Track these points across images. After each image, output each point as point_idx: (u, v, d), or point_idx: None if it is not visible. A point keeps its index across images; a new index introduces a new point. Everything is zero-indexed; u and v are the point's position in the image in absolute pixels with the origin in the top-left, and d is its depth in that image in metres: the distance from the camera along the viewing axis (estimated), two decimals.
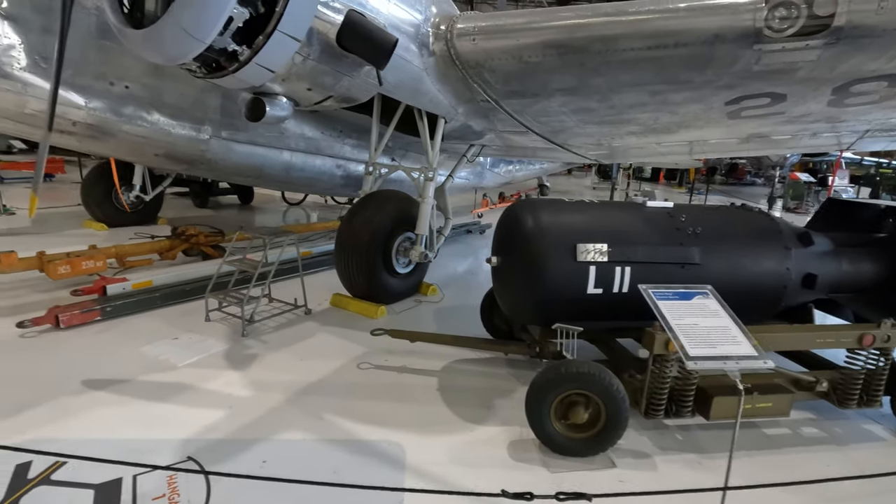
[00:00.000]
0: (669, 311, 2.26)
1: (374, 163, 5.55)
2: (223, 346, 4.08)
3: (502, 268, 3.36)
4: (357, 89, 3.95)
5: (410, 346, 4.03)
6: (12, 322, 4.20)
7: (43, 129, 3.02)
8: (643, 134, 5.64)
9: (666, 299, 2.35)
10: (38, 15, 4.36)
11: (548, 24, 3.82)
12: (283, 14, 3.00)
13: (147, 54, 3.16)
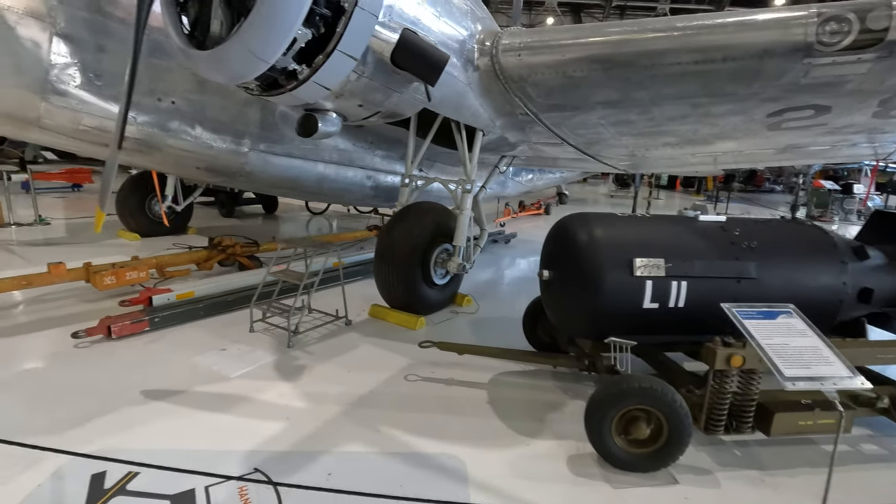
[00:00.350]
0: (757, 330, 2.27)
1: (411, 175, 5.61)
2: (271, 356, 4.14)
3: (554, 281, 3.38)
4: (405, 105, 4.03)
5: (455, 358, 4.06)
6: (66, 332, 4.32)
7: (112, 147, 3.12)
8: (679, 145, 5.64)
9: (751, 318, 2.35)
10: (93, 34, 4.50)
11: (594, 39, 3.87)
12: (343, 34, 3.08)
13: (210, 74, 3.25)
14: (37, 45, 4.23)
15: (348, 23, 3.06)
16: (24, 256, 7.12)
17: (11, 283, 4.84)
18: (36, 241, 8.18)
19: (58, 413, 3.14)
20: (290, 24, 2.88)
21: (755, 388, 2.85)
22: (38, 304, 5.14)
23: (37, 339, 4.30)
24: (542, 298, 3.69)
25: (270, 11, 2.82)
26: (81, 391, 3.44)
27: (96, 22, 4.50)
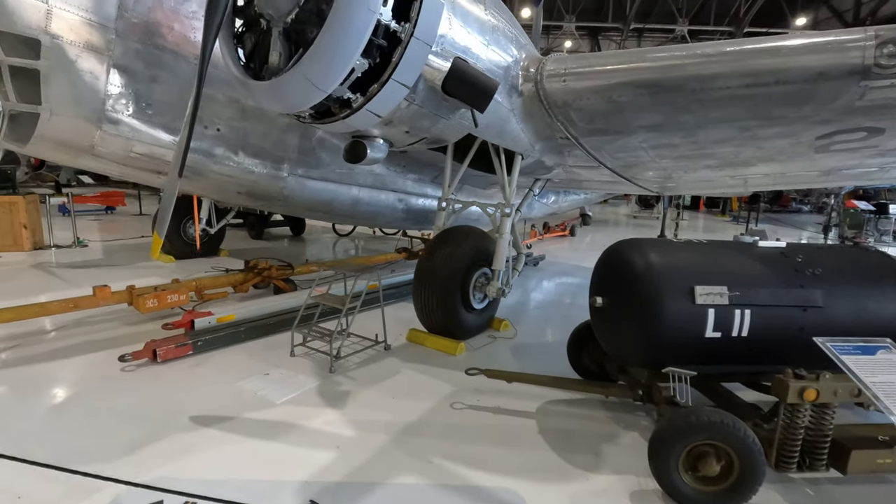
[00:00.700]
0: (858, 366, 2.17)
1: (448, 198, 5.62)
2: (314, 382, 4.11)
3: (608, 309, 3.31)
4: (450, 131, 4.05)
5: (499, 385, 3.97)
6: (112, 355, 4.37)
7: (172, 177, 3.18)
8: (719, 167, 5.56)
9: (848, 354, 2.25)
10: (146, 65, 4.66)
11: (641, 64, 3.86)
12: (398, 64, 3.13)
13: (268, 104, 3.33)
14: (95, 76, 4.39)
15: (404, 52, 3.11)
16: (66, 279, 7.30)
17: (59, 306, 4.94)
18: (75, 263, 8.39)
19: (111, 440, 3.14)
20: (349, 56, 2.94)
21: (829, 424, 2.72)
22: (82, 327, 5.23)
23: (85, 363, 4.35)
24: (594, 325, 3.61)
25: (331, 43, 2.88)
26: (132, 417, 3.44)
27: (149, 53, 4.66)
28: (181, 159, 3.09)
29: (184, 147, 3.07)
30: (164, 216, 3.27)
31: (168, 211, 3.25)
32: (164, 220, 3.26)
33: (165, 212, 3.26)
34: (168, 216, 3.27)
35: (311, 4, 3.08)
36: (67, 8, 4.16)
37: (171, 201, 3.25)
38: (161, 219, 3.30)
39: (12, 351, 4.54)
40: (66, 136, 4.50)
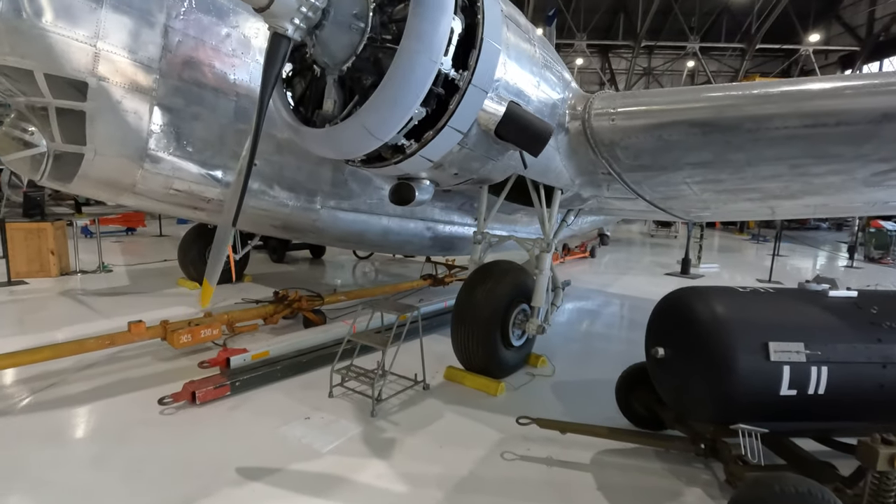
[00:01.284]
0: None
1: (483, 231, 5.54)
2: (357, 427, 4.01)
3: (671, 361, 3.18)
4: (498, 172, 4.00)
5: (546, 432, 3.83)
6: (149, 395, 4.33)
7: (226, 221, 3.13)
8: (762, 200, 5.44)
9: None
10: (187, 103, 4.67)
11: (694, 104, 3.79)
12: (455, 111, 3.08)
13: (319, 149, 3.29)
14: (138, 116, 4.41)
15: (461, 100, 3.06)
16: (94, 307, 7.28)
17: (96, 343, 4.89)
18: (101, 290, 8.39)
19: (160, 495, 3.05)
20: (409, 106, 2.89)
21: None
22: (116, 363, 5.18)
23: (124, 404, 4.28)
24: (654, 375, 3.48)
25: (391, 94, 2.84)
26: (178, 468, 3.35)
27: (190, 91, 4.68)
28: (236, 208, 3.04)
29: (239, 195, 3.02)
30: (216, 264, 3.21)
31: (221, 259, 3.20)
32: (216, 268, 3.20)
33: (218, 260, 3.20)
34: (220, 265, 3.21)
35: (369, 53, 3.05)
36: (115, 50, 4.19)
37: (225, 250, 3.20)
38: (213, 266, 3.24)
39: (50, 390, 4.49)
40: (108, 175, 4.50)
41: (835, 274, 13.54)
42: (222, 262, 3.22)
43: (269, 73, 2.88)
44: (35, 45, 3.87)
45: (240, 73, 4.99)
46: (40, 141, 4.25)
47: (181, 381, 4.62)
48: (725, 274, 12.46)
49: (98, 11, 4.06)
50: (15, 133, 4.26)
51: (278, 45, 2.86)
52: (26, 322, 6.56)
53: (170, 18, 4.46)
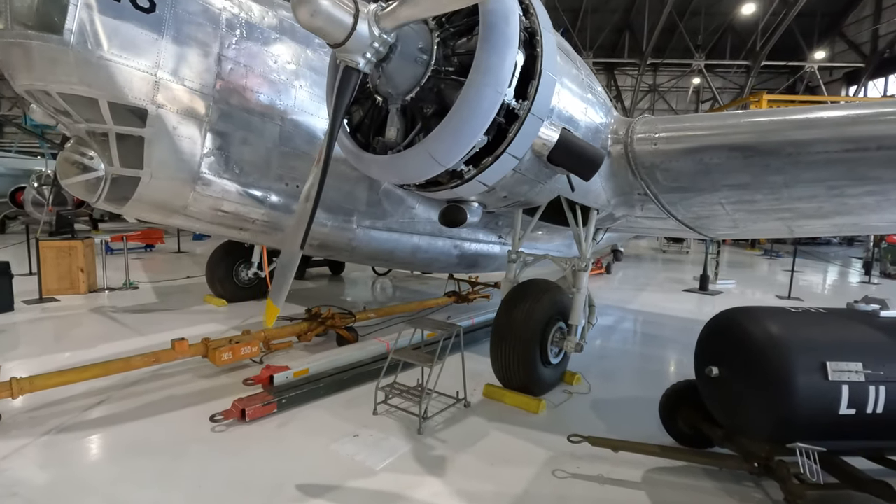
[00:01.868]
0: None
1: (518, 251, 5.64)
2: (406, 445, 4.07)
3: (724, 380, 3.25)
4: (544, 194, 4.12)
5: (595, 449, 3.88)
6: (196, 413, 4.45)
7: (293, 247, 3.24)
8: (793, 219, 5.53)
9: None
10: (237, 128, 4.84)
11: (736, 128, 3.91)
12: (514, 138, 3.21)
13: (380, 175, 3.43)
14: (193, 141, 4.57)
15: (520, 128, 3.19)
16: (127, 325, 7.40)
17: (142, 360, 5.00)
18: (132, 307, 8.52)
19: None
20: (474, 135, 3.03)
21: None
22: (160, 380, 5.27)
23: (175, 421, 4.36)
24: (706, 394, 3.54)
25: (458, 124, 2.97)
26: (239, 485, 3.42)
27: (240, 117, 4.85)
28: (304, 232, 3.16)
29: (308, 220, 3.14)
30: (281, 286, 3.31)
31: (288, 282, 3.30)
32: (282, 289, 3.31)
33: (284, 282, 3.30)
34: (287, 287, 3.32)
35: (432, 84, 3.20)
36: (173, 79, 4.37)
37: (292, 273, 3.30)
38: (278, 288, 3.34)
39: (101, 408, 4.58)
40: (162, 198, 4.65)
41: (852, 290, 13.53)
42: (289, 284, 3.32)
43: (339, 103, 3.03)
44: (101, 75, 4.05)
45: (284, 98, 5.17)
46: (99, 165, 4.42)
47: (225, 398, 4.73)
48: (743, 290, 12.47)
49: (159, 42, 4.26)
50: (75, 158, 4.43)
51: (349, 78, 3.00)
52: (64, 339, 6.68)
53: (223, 48, 4.65)
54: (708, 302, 10.93)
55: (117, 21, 4.04)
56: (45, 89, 4.04)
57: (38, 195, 13.95)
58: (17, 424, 4.23)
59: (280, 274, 3.32)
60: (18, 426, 4.21)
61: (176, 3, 4.32)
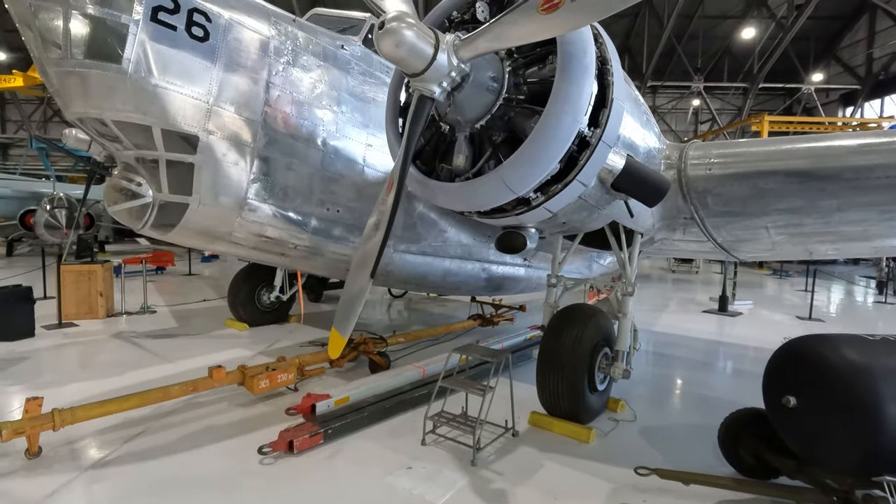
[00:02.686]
0: None
1: (559, 276, 5.60)
2: (463, 478, 3.95)
3: (802, 409, 3.18)
4: (600, 220, 4.11)
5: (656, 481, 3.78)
6: (241, 444, 4.36)
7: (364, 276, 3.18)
8: (833, 242, 5.51)
9: None
10: (283, 155, 4.84)
11: (794, 154, 3.92)
12: (584, 166, 3.20)
13: (449, 202, 3.40)
14: (240, 167, 4.56)
15: (590, 156, 3.18)
16: (151, 350, 7.28)
17: (180, 389, 4.90)
18: (152, 332, 8.39)
19: None
20: (550, 163, 3.02)
21: None
22: (194, 409, 5.14)
23: (219, 453, 4.24)
24: (780, 424, 3.45)
25: (535, 152, 2.96)
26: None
27: (286, 143, 4.85)
28: (376, 261, 3.11)
29: (380, 248, 3.10)
30: (349, 316, 3.25)
31: (356, 311, 3.24)
32: (350, 319, 3.24)
33: (352, 312, 3.24)
34: (355, 316, 3.25)
35: (502, 112, 3.20)
36: (224, 106, 4.38)
37: (361, 303, 3.24)
38: (346, 318, 3.27)
39: (141, 439, 4.45)
40: (209, 224, 4.62)
41: (870, 310, 13.49)
42: (357, 314, 3.25)
43: (413, 130, 3.02)
44: (156, 103, 4.06)
45: (326, 123, 5.19)
46: (147, 192, 4.39)
47: (267, 429, 4.63)
48: (760, 311, 12.41)
49: (212, 70, 4.28)
50: (123, 184, 4.40)
51: (423, 106, 3.00)
52: (91, 367, 6.55)
53: (271, 75, 4.68)
54: (728, 323, 10.86)
55: (173, 50, 4.06)
56: (100, 117, 4.03)
57: (52, 218, 13.88)
58: (59, 458, 4.10)
59: (348, 304, 3.26)
60: (60, 460, 4.08)
61: (228, 31, 4.35)
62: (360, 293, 3.22)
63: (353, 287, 3.32)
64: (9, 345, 7.27)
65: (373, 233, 3.23)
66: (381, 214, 3.19)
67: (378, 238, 3.13)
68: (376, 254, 3.10)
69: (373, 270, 3.12)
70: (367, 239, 3.30)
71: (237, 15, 4.45)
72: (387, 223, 3.09)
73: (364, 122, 5.55)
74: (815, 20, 30.43)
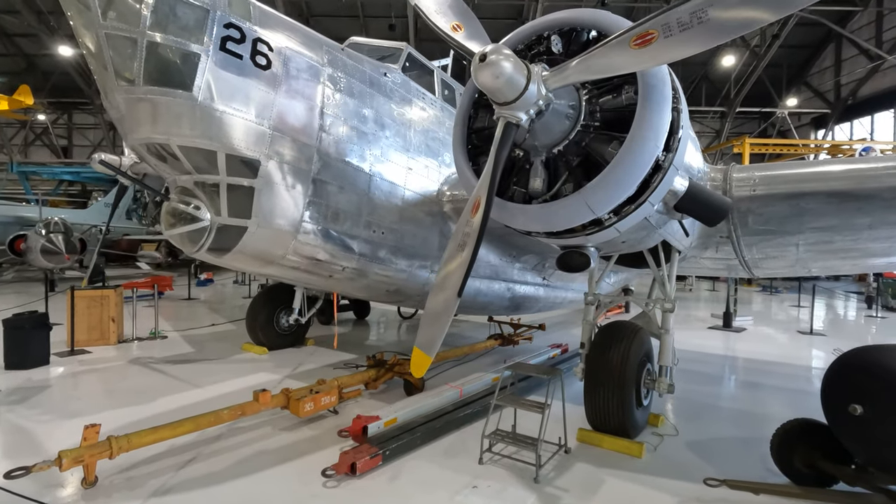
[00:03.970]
0: None
1: (595, 293, 5.74)
2: (530, 495, 3.99)
3: (870, 418, 3.34)
4: (655, 240, 4.29)
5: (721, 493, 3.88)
6: (298, 467, 4.36)
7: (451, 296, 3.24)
8: (852, 258, 5.79)
9: None
10: (335, 179, 4.94)
11: (836, 176, 4.18)
12: (656, 188, 3.38)
13: (525, 223, 3.53)
14: (298, 191, 4.65)
15: (662, 178, 3.36)
16: (176, 376, 7.15)
17: (229, 413, 4.86)
18: (170, 357, 8.24)
19: None
20: (631, 185, 3.19)
21: None
22: (240, 435, 5.07)
23: (281, 480, 4.19)
24: (844, 433, 3.59)
25: (619, 175, 3.13)
26: None
27: (338, 167, 4.96)
28: (464, 279, 3.21)
29: (468, 266, 3.20)
30: (435, 335, 3.31)
31: (443, 330, 3.31)
32: (437, 339, 3.30)
33: (439, 331, 3.30)
34: (442, 336, 3.32)
35: (578, 138, 3.38)
36: (284, 131, 4.48)
37: (448, 321, 3.31)
38: (432, 337, 3.33)
39: (195, 466, 4.38)
40: (265, 247, 4.67)
41: (863, 323, 13.97)
42: (444, 333, 3.32)
43: (499, 156, 3.17)
44: (223, 128, 4.14)
45: (373, 148, 5.32)
46: (205, 215, 4.43)
47: (321, 451, 4.67)
48: (761, 327, 12.75)
49: (273, 97, 4.40)
50: (180, 208, 4.43)
51: (509, 133, 3.17)
52: (118, 393, 6.39)
53: (325, 101, 4.81)
54: (735, 339, 11.13)
55: (239, 78, 4.17)
56: (167, 142, 4.09)
57: (49, 244, 13.56)
58: (116, 487, 4.02)
59: (433, 323, 3.33)
60: (118, 489, 3.99)
61: (288, 60, 4.49)
62: (447, 312, 3.30)
63: (436, 307, 3.40)
64: (25, 373, 7.07)
65: (456, 253, 3.32)
66: (465, 236, 3.30)
67: (465, 256, 3.23)
68: (462, 273, 3.19)
69: (459, 290, 3.21)
70: (449, 260, 3.40)
71: (295, 44, 4.60)
72: (473, 244, 3.20)
73: (405, 146, 5.70)
74: (786, 49, 32.12)
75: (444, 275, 3.38)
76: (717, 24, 2.43)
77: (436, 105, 6.39)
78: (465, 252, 3.24)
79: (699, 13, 2.46)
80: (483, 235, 3.22)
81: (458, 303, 3.23)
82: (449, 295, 3.27)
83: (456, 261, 3.30)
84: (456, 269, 3.29)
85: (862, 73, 31.71)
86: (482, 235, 3.22)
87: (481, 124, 3.94)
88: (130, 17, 3.69)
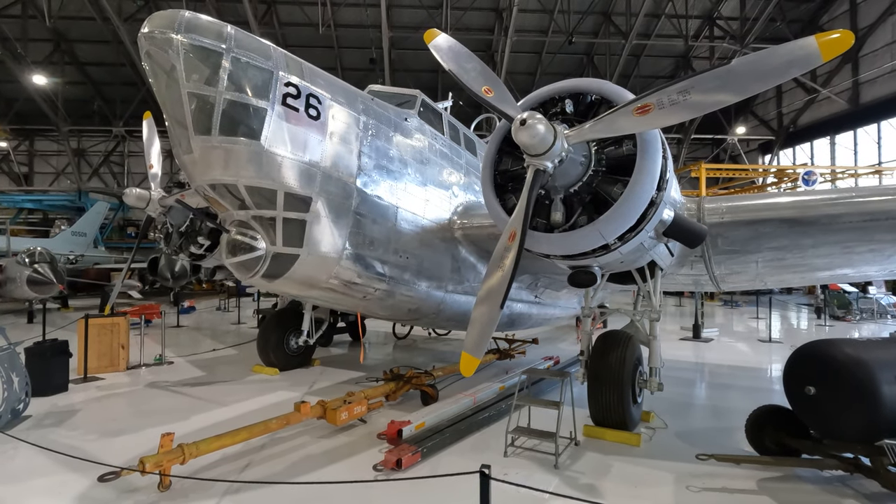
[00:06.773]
0: None
1: (591, 307, 6.59)
2: (554, 478, 4.70)
3: (819, 396, 4.25)
4: (645, 260, 5.17)
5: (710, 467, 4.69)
6: (349, 465, 4.89)
7: (493, 308, 3.99)
8: (801, 272, 6.89)
9: None
10: (369, 211, 5.66)
11: (786, 206, 5.21)
12: (651, 218, 4.27)
13: (549, 248, 4.34)
14: (342, 223, 5.34)
15: (655, 211, 4.26)
16: (200, 397, 7.51)
17: (277, 423, 5.39)
18: (184, 381, 8.56)
19: None
20: (635, 216, 4.07)
21: None
22: (281, 444, 5.56)
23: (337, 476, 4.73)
24: (801, 410, 4.49)
25: (626, 209, 4.00)
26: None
27: (372, 201, 5.69)
28: (505, 294, 3.97)
29: (508, 284, 3.96)
30: (481, 341, 4.04)
31: (488, 336, 4.04)
32: (483, 344, 4.03)
33: (484, 337, 4.04)
34: (486, 341, 4.04)
35: (590, 179, 4.25)
36: (331, 171, 5.20)
37: (492, 328, 4.05)
38: (478, 343, 4.05)
39: (254, 469, 4.88)
40: (312, 273, 5.31)
41: (813, 330, 15.43)
42: (488, 339, 4.04)
43: (531, 195, 3.99)
44: (283, 170, 4.82)
45: (399, 182, 6.08)
46: (261, 245, 5.05)
47: (364, 452, 5.25)
48: (725, 337, 13.97)
49: (323, 143, 5.12)
50: (240, 239, 5.05)
51: (538, 177, 4.00)
52: (151, 413, 6.72)
53: (362, 144, 5.57)
54: (705, 348, 12.24)
55: (297, 127, 4.89)
56: (234, 182, 4.73)
57: (36, 274, 13.50)
58: (190, 489, 4.48)
59: (481, 330, 4.06)
60: (192, 490, 4.47)
61: (334, 112, 5.24)
62: (491, 321, 4.06)
63: (481, 317, 4.14)
64: (48, 399, 7.30)
65: (496, 272, 4.09)
66: (503, 259, 4.08)
67: (506, 271, 3.99)
68: (504, 288, 3.96)
69: (501, 302, 3.98)
70: (489, 276, 4.16)
71: (338, 97, 5.36)
72: (512, 265, 3.98)
73: (423, 180, 6.49)
74: None
75: (487, 290, 4.14)
76: (697, 102, 3.36)
77: (445, 144, 7.24)
78: (505, 267, 4.02)
79: (684, 93, 3.39)
80: (520, 258, 4.01)
81: (500, 314, 4.00)
82: (493, 306, 4.03)
83: (496, 278, 4.07)
84: (495, 284, 4.06)
85: (800, 104, 34.75)
86: (520, 258, 4.01)
87: (504, 167, 4.78)
88: (211, 79, 4.38)
